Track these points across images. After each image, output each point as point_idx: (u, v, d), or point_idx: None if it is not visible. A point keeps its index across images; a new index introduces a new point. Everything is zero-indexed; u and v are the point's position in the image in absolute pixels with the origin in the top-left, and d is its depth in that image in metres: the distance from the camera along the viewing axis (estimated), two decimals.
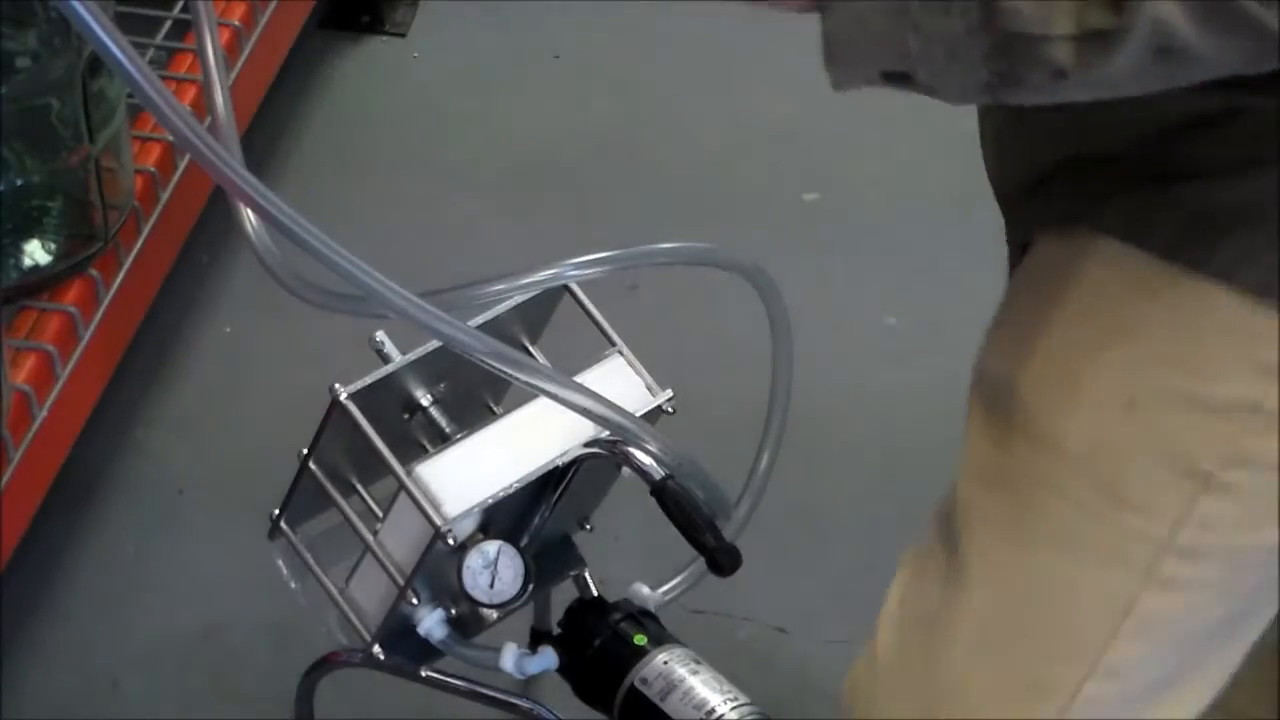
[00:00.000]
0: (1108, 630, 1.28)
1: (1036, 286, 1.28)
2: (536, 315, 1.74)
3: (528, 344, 1.75)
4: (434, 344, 1.64)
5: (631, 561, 1.86)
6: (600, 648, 1.73)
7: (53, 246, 2.08)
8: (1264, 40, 1.05)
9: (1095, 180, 1.23)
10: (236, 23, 2.45)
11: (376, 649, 1.73)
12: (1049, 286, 1.26)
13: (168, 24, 2.47)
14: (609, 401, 1.51)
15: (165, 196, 2.26)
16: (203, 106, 1.40)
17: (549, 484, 1.66)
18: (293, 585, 1.79)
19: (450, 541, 1.61)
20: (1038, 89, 1.10)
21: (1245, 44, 1.06)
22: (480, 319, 1.66)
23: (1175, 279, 1.20)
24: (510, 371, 1.41)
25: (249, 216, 1.37)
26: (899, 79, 1.12)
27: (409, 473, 1.62)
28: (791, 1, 1.15)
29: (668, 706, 1.67)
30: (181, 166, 2.28)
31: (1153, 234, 1.20)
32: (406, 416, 1.70)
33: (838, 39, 1.12)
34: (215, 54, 1.37)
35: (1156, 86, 1.10)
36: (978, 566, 1.33)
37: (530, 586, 1.64)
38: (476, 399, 1.76)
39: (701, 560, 1.59)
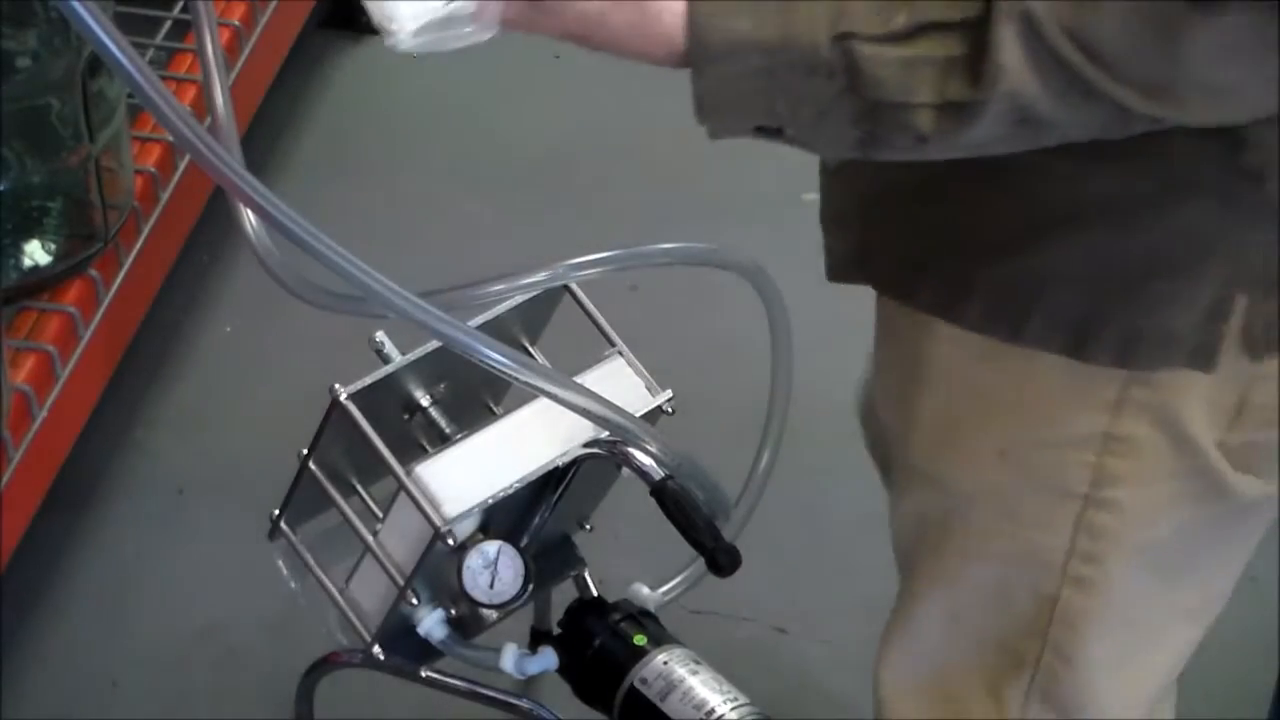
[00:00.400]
0: (1043, 619, 1.41)
1: (901, 355, 1.41)
2: (536, 315, 1.74)
3: (528, 344, 1.75)
4: (434, 344, 1.64)
5: (631, 561, 1.86)
6: (600, 648, 1.73)
7: (53, 246, 2.08)
8: (1122, 113, 1.11)
9: (914, 251, 1.33)
10: (236, 23, 2.46)
11: (376, 649, 1.73)
12: (909, 359, 1.38)
13: (168, 24, 2.48)
14: (609, 402, 1.51)
15: (165, 196, 2.26)
16: (203, 106, 1.40)
17: (549, 484, 1.66)
18: (293, 585, 1.78)
19: (450, 541, 1.61)
20: (903, 151, 1.16)
21: (1103, 115, 1.12)
22: (480, 319, 1.66)
23: (1001, 349, 1.30)
24: (510, 371, 1.41)
25: (249, 216, 1.37)
26: (771, 133, 1.18)
27: (409, 473, 1.62)
28: (664, 60, 1.18)
29: (667, 707, 1.67)
30: (181, 166, 2.29)
31: (965, 316, 1.31)
32: (406, 416, 1.70)
33: (709, 99, 1.18)
34: (215, 54, 1.37)
35: (1020, 148, 1.16)
36: (925, 579, 1.46)
37: (530, 586, 1.64)
38: (476, 399, 1.76)
39: (701, 560, 1.59)
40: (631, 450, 1.58)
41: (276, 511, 1.74)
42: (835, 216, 1.44)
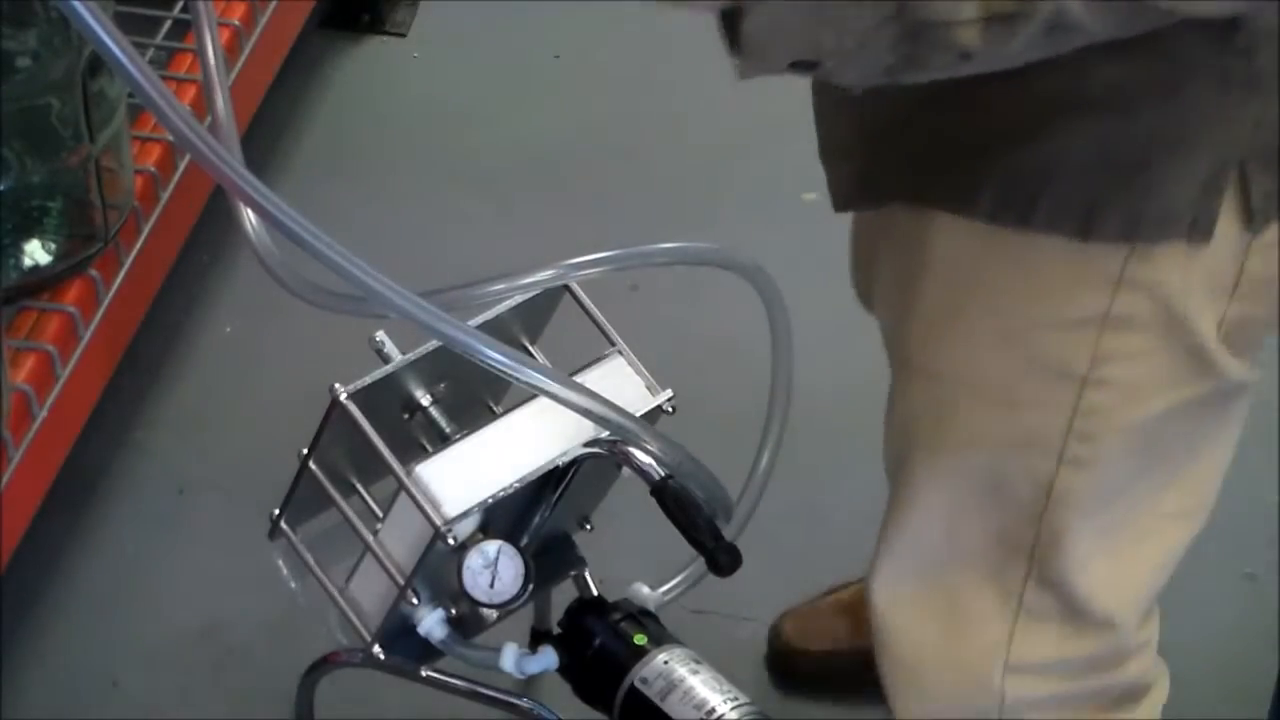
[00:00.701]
0: (1039, 503, 1.46)
1: (901, 250, 1.46)
2: (536, 315, 1.74)
3: (528, 344, 1.75)
4: (434, 344, 1.64)
5: (631, 561, 1.86)
6: (600, 648, 1.73)
7: (53, 246, 2.08)
8: (1143, 8, 1.18)
9: (923, 156, 1.39)
10: (236, 23, 2.45)
11: (376, 649, 1.73)
12: (911, 252, 1.43)
13: (168, 24, 2.47)
14: (609, 401, 1.51)
15: (165, 196, 2.26)
16: (203, 106, 1.40)
17: (549, 484, 1.66)
18: (293, 585, 1.79)
19: (450, 541, 1.61)
20: (941, 69, 1.21)
21: (1125, 13, 1.18)
22: (480, 319, 1.66)
23: (1007, 236, 1.35)
24: (510, 371, 1.42)
25: (249, 216, 1.38)
26: (804, 66, 1.22)
27: (409, 473, 1.62)
28: (710, 4, 1.21)
29: (668, 706, 1.67)
30: (181, 166, 2.28)
31: (976, 208, 1.36)
32: (406, 416, 1.70)
33: (755, 37, 1.20)
34: (215, 54, 1.37)
35: (1037, 57, 1.22)
36: (922, 477, 1.52)
37: (530, 586, 1.64)
38: (476, 399, 1.76)
39: (701, 560, 1.59)
40: (631, 450, 1.58)
41: (276, 511, 1.74)
42: (838, 148, 1.50)
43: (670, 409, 1.71)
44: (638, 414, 1.60)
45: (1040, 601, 1.51)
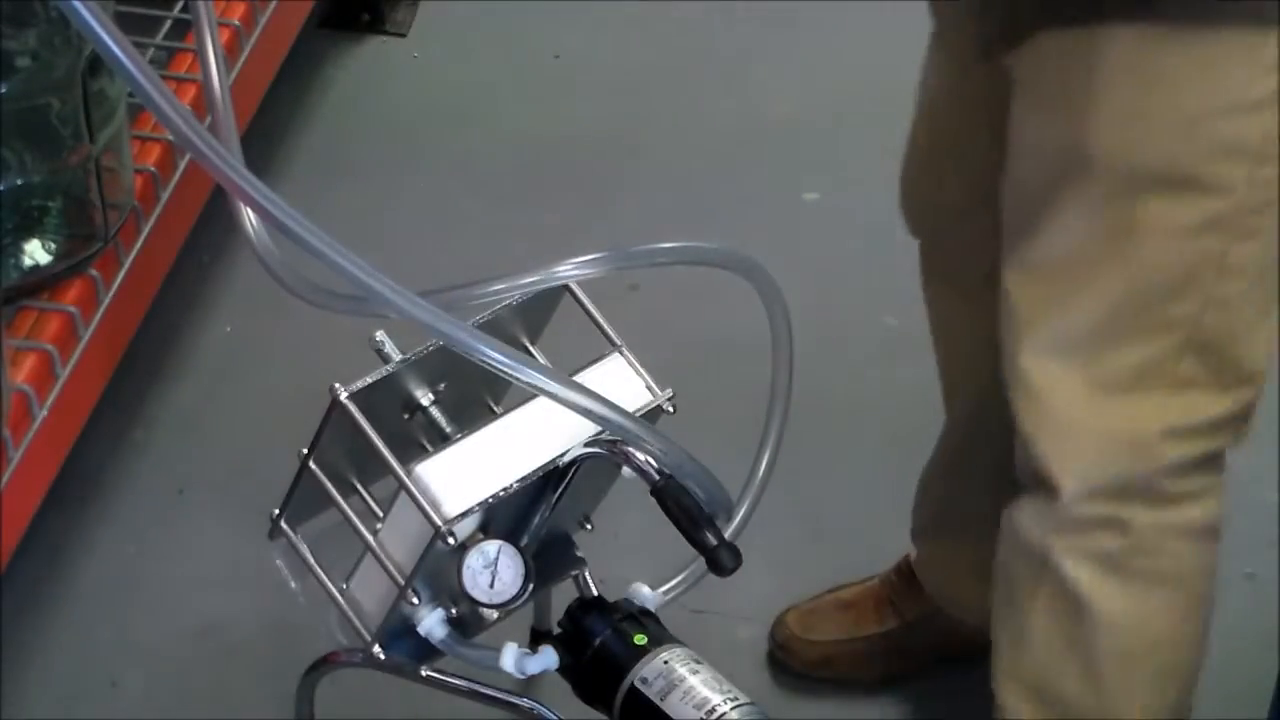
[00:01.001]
0: (1210, 277, 1.55)
1: (1059, 77, 1.55)
2: (536, 315, 1.74)
3: (528, 344, 1.75)
4: (434, 344, 1.65)
5: (631, 561, 1.86)
6: (600, 647, 1.73)
7: (53, 246, 2.08)
8: None
9: None
10: (236, 23, 2.46)
11: (376, 649, 1.73)
12: (1074, 74, 1.53)
13: (168, 24, 2.48)
14: (609, 401, 1.51)
15: (165, 196, 2.26)
16: (203, 106, 1.40)
17: (549, 484, 1.66)
18: (293, 585, 1.79)
19: (450, 541, 1.61)
20: None
21: None
22: (480, 319, 1.66)
23: (1182, 35, 1.48)
24: (510, 371, 1.42)
25: (249, 216, 1.38)
26: None
27: (409, 473, 1.62)
28: None
29: (668, 706, 1.67)
30: (181, 166, 2.28)
31: (1156, 10, 1.47)
32: (406, 416, 1.70)
33: None
34: (215, 54, 1.37)
35: None
36: (1092, 274, 1.58)
37: (530, 586, 1.64)
38: (476, 399, 1.76)
39: (701, 560, 1.59)
40: (631, 450, 1.58)
41: (276, 511, 1.74)
42: (974, 4, 1.60)
43: (670, 409, 1.71)
44: (638, 414, 1.60)
45: (1198, 367, 1.59)
